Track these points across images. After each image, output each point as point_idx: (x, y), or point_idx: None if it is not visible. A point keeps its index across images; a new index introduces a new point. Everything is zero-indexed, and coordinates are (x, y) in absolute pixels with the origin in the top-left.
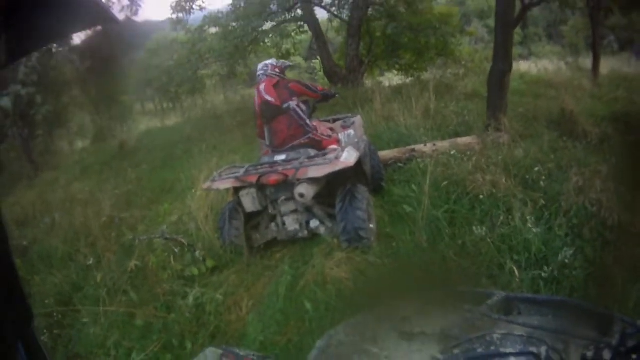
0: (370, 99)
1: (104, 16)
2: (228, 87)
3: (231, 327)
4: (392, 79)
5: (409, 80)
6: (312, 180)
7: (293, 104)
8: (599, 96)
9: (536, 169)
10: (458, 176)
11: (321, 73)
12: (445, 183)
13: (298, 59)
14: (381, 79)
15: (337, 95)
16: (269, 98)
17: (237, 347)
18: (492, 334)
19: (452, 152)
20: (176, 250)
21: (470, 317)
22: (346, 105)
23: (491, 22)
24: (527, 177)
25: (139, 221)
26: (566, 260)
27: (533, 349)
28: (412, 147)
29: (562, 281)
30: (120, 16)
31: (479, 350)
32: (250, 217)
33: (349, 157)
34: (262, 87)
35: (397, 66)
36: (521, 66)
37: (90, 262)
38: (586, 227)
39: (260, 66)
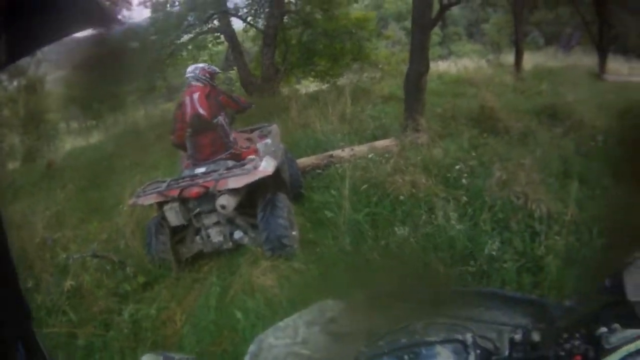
0: (286, 107)
1: (104, 16)
2: (148, 102)
3: (168, 341)
4: (309, 86)
5: (325, 86)
6: (233, 191)
7: (221, 118)
8: (521, 90)
9: (457, 166)
10: (377, 179)
11: (238, 84)
12: (364, 186)
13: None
14: (298, 86)
15: (252, 106)
16: (201, 111)
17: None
18: (414, 325)
19: (370, 156)
20: (108, 267)
21: (397, 314)
22: (262, 114)
23: (409, 24)
24: (448, 175)
25: (71, 240)
26: (493, 253)
27: (458, 336)
28: (330, 153)
29: (491, 274)
30: None
31: (403, 340)
32: (175, 231)
33: (267, 166)
34: (195, 97)
35: (312, 73)
36: (440, 66)
37: (29, 285)
38: (513, 220)
39: (190, 69)
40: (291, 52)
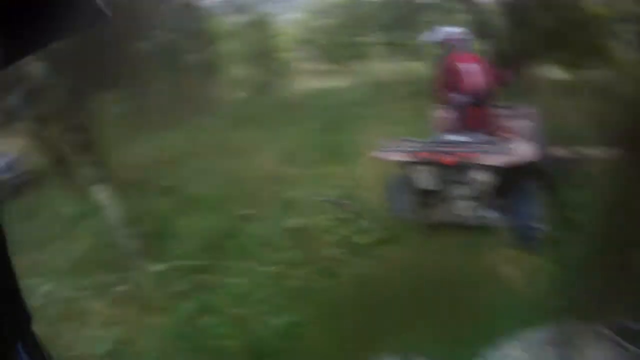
0: (536, 90)
1: (104, 17)
2: (392, 57)
3: (389, 306)
4: (553, 72)
5: (570, 76)
6: (489, 168)
7: (493, 92)
8: None
9: None
10: None
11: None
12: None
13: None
14: (543, 70)
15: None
16: (484, 84)
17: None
18: None
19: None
20: (342, 216)
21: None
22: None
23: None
24: None
25: (302, 180)
26: None
27: None
28: (582, 148)
29: None
30: None
31: None
32: (419, 194)
33: (528, 151)
34: (475, 67)
35: (560, 60)
36: None
37: (246, 212)
38: None
39: (456, 33)
40: (541, 35)
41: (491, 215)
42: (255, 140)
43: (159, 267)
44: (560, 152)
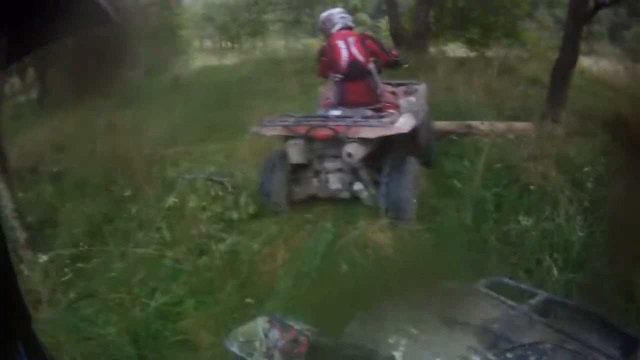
0: (433, 67)
1: (104, 17)
2: (290, 35)
3: (262, 279)
4: (456, 50)
5: (472, 54)
6: (363, 141)
7: (372, 66)
8: None
9: (586, 169)
10: (511, 161)
11: (385, 33)
12: (498, 165)
13: (363, 16)
14: (445, 48)
15: (405, 66)
16: (360, 58)
17: (286, 317)
18: (544, 344)
19: (510, 136)
20: (220, 193)
21: (512, 314)
22: (409, 69)
23: (558, 11)
24: (577, 175)
25: (183, 158)
26: (603, 270)
27: None
28: (470, 122)
29: (594, 290)
30: None
31: (532, 358)
32: (293, 169)
33: (404, 124)
34: (351, 41)
35: (462, 39)
36: (583, 62)
37: (127, 193)
38: None
39: (336, 13)
40: (445, 14)
41: (364, 188)
42: (143, 120)
43: (44, 257)
44: (449, 125)
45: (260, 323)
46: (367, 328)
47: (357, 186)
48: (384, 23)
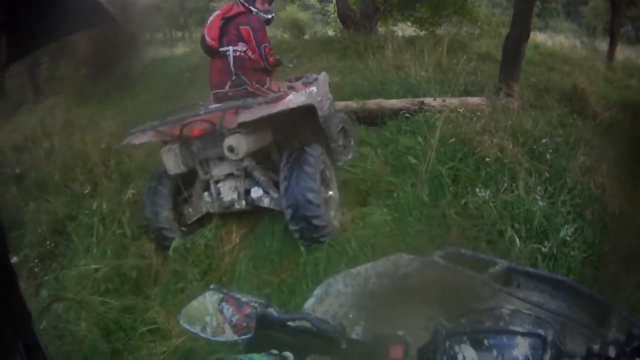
0: (382, 46)
1: (105, 17)
2: None
3: (222, 265)
4: (406, 29)
5: (422, 33)
6: (246, 130)
7: (232, 49)
8: (611, 80)
9: (544, 140)
10: (465, 135)
11: (334, 15)
12: (452, 140)
13: (312, 0)
14: (394, 28)
15: (283, 64)
16: (208, 38)
17: (237, 291)
18: (500, 309)
19: (461, 110)
20: None
21: (472, 284)
22: (357, 50)
23: None
24: (535, 147)
25: (138, 150)
26: (567, 238)
27: (541, 331)
28: (422, 99)
29: (559, 259)
30: None
31: (487, 323)
32: (182, 185)
33: (293, 99)
34: (212, 17)
35: (412, 18)
36: (537, 37)
37: (87, 190)
38: (588, 209)
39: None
40: None
41: (263, 194)
42: (97, 115)
43: (14, 258)
44: (400, 103)
45: (209, 298)
46: (324, 304)
47: (255, 193)
48: (332, 6)
